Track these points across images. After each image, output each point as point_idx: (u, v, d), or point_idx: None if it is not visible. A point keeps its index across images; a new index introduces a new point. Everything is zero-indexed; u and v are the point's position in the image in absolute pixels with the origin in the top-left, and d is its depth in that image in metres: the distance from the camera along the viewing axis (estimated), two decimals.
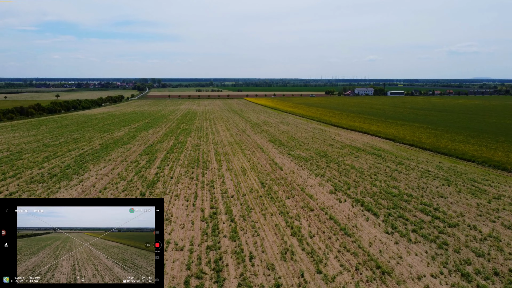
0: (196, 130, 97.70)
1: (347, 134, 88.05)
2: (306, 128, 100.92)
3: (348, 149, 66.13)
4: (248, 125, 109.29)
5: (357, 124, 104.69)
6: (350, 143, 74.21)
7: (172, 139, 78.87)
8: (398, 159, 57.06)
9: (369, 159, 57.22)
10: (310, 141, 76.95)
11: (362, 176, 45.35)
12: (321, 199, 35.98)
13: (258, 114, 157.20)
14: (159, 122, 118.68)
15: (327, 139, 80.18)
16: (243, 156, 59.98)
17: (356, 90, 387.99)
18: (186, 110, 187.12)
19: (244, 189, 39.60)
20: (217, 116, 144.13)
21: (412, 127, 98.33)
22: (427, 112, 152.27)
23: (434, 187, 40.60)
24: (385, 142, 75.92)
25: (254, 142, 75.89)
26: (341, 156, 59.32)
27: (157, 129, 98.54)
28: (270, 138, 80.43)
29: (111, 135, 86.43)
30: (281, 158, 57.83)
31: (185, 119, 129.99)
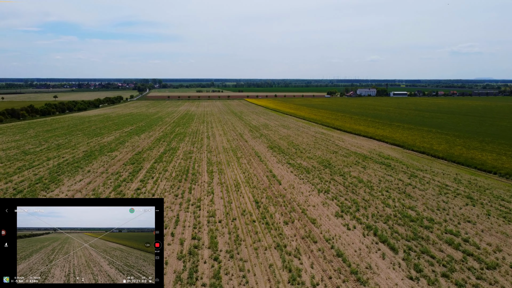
0: (191, 134, 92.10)
1: (351, 139, 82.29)
2: (307, 132, 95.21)
3: (353, 157, 60.39)
4: (247, 129, 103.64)
5: (362, 128, 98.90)
6: (356, 150, 68.45)
7: (163, 145, 73.26)
8: (410, 169, 51.28)
9: (378, 169, 51.47)
10: (312, 147, 71.22)
11: (372, 193, 39.61)
12: (326, 225, 30.24)
13: (258, 116, 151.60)
14: (154, 125, 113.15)
15: (330, 145, 74.45)
16: (238, 166, 54.30)
17: (358, 91, 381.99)
18: (184, 111, 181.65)
19: (235, 210, 33.88)
20: (216, 119, 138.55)
21: (420, 131, 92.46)
22: (433, 115, 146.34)
23: (457, 207, 34.83)
24: (393, 148, 70.12)
25: (252, 148, 70.20)
26: (347, 166, 53.58)
27: (150, 133, 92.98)
28: (269, 144, 74.73)
29: (99, 140, 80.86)
30: (280, 169, 52.13)
31: (181, 122, 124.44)
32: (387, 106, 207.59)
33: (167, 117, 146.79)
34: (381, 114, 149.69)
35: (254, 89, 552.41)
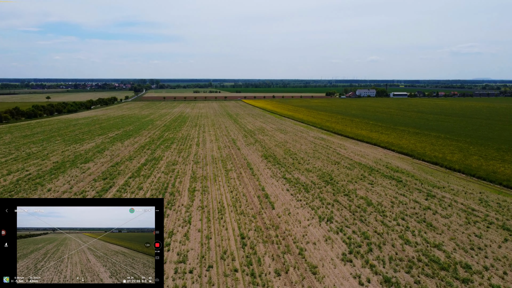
0: (180, 140, 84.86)
1: (354, 147, 75.15)
2: (306, 138, 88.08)
3: (358, 170, 53.26)
4: (241, 134, 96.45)
5: (364, 133, 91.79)
6: (360, 159, 61.33)
7: (146, 154, 66.02)
8: (425, 187, 44.15)
9: (388, 186, 44.33)
10: (311, 156, 64.08)
11: (385, 221, 32.45)
12: (331, 277, 23.00)
13: (254, 118, 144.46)
14: (142, 129, 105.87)
15: (331, 153, 67.31)
16: (226, 181, 47.07)
17: (357, 92, 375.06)
18: (178, 114, 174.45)
19: (214, 251, 26.59)
20: (209, 122, 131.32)
21: (427, 137, 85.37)
22: (437, 117, 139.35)
23: (495, 244, 27.72)
24: (401, 158, 62.99)
25: (244, 158, 63.02)
26: (351, 182, 46.42)
27: (135, 139, 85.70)
28: (264, 152, 67.55)
29: (78, 148, 73.53)
30: (274, 186, 44.94)
31: (172, 126, 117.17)
32: (388, 107, 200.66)
33: (158, 120, 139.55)
34: (383, 116, 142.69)
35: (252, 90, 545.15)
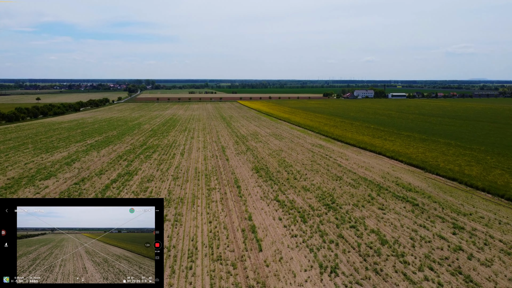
0: (165, 148, 76.82)
1: (356, 156, 67.35)
2: (303, 145, 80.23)
3: (364, 187, 45.44)
4: (233, 140, 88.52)
5: (367, 140, 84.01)
6: (365, 173, 53.52)
7: (121, 167, 57.97)
8: (448, 213, 36.36)
9: (402, 212, 36.51)
10: (309, 169, 56.23)
11: (408, 273, 24.55)
12: None
13: (249, 122, 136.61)
14: (126, 135, 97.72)
15: (332, 164, 59.48)
16: (206, 206, 39.08)
17: (355, 93, 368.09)
18: (169, 116, 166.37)
19: None
20: (200, 126, 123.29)
21: (436, 144, 77.68)
22: (441, 120, 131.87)
23: None
24: (412, 171, 55.22)
25: (232, 171, 55.09)
26: (357, 206, 38.57)
27: (115, 147, 77.59)
28: (255, 164, 59.64)
29: (46, 158, 65.33)
30: (264, 213, 37.02)
31: (160, 130, 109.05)
32: (388, 109, 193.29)
33: (147, 123, 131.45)
34: (384, 119, 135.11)
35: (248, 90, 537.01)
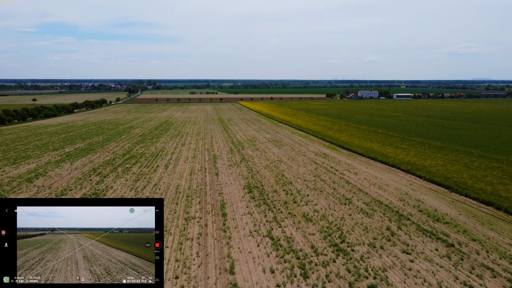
0: (149, 158, 68.26)
1: (366, 169, 58.53)
2: (305, 154, 71.48)
3: (380, 216, 36.68)
4: (227, 147, 79.86)
5: (376, 148, 75.06)
6: (378, 193, 44.71)
7: (90, 184, 49.40)
8: (497, 260, 27.54)
9: (435, 259, 27.70)
10: (311, 187, 47.47)
11: None
12: None
13: (247, 125, 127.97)
14: (112, 141, 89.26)
15: (338, 181, 50.72)
16: (177, 248, 30.33)
17: (359, 93, 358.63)
18: (165, 118, 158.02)
19: None
20: (195, 130, 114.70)
21: (456, 153, 68.64)
22: (454, 123, 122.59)
23: None
24: (435, 191, 46.29)
25: (220, 191, 46.42)
26: (374, 247, 29.78)
27: (94, 156, 69.12)
28: (249, 181, 50.95)
29: (8, 172, 56.91)
30: (252, 260, 28.30)
31: (151, 135, 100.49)
32: (395, 111, 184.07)
33: (139, 127, 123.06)
34: (392, 123, 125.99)
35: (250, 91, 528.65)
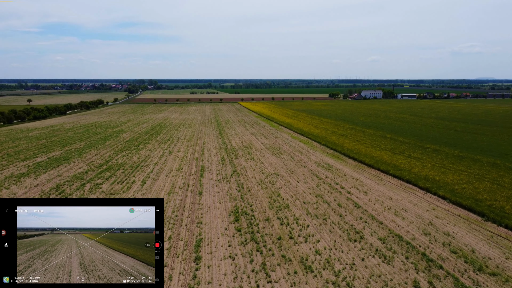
0: (128, 169, 59.87)
1: (377, 186, 49.85)
2: (306, 165, 62.91)
3: (401, 261, 28.01)
4: (219, 156, 71.36)
5: (386, 157, 66.24)
6: (395, 223, 36.05)
7: None
8: None
9: None
10: (313, 213, 38.87)
11: None
12: None
13: (245, 128, 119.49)
14: (93, 148, 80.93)
15: (345, 203, 42.10)
16: None
17: (363, 93, 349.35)
18: (159, 120, 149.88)
19: None
20: (189, 133, 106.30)
21: (480, 165, 59.75)
22: (466, 127, 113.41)
23: None
24: (466, 219, 37.54)
25: (199, 219, 37.88)
26: None
27: (66, 168, 60.86)
28: (237, 203, 42.38)
29: None
30: None
31: (138, 140, 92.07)
32: (401, 112, 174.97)
33: (129, 131, 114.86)
34: (400, 126, 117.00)
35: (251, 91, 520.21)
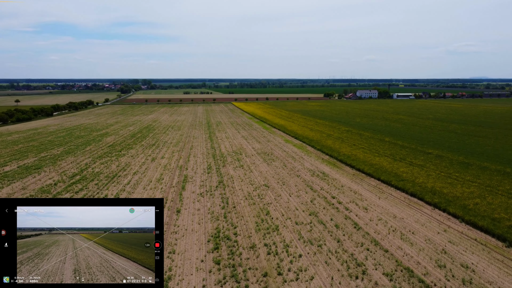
0: (103, 180, 54.07)
1: (379, 200, 44.41)
2: (299, 173, 57.41)
3: None
4: (205, 164, 65.67)
5: (386, 164, 60.84)
6: (402, 250, 30.61)
7: None
8: None
9: None
10: (306, 239, 33.35)
11: None
12: None
13: (237, 131, 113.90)
14: (71, 154, 74.93)
15: (343, 223, 36.60)
16: None
17: (358, 93, 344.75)
18: (148, 122, 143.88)
19: None
20: (177, 137, 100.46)
21: (489, 174, 54.47)
22: (467, 129, 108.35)
23: None
24: (485, 245, 32.06)
25: (173, 247, 32.14)
26: None
27: (34, 179, 55.00)
28: (219, 225, 36.74)
29: None
30: None
31: (122, 145, 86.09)
32: (397, 112, 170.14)
33: (114, 134, 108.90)
34: (398, 128, 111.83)
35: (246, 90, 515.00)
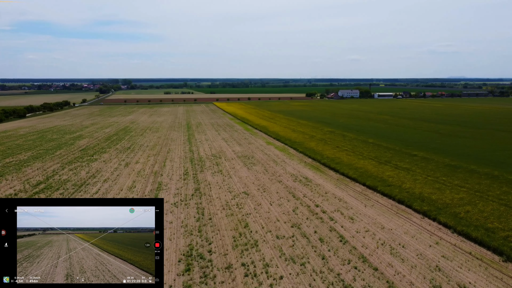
0: (70, 189, 49.43)
1: (365, 208, 41.46)
2: (281, 180, 54.10)
3: None
4: (182, 169, 61.68)
5: (371, 168, 58.22)
6: (393, 268, 27.61)
7: None
8: None
9: None
10: (287, 256, 29.99)
11: None
12: None
13: (217, 132, 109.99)
14: (39, 159, 69.67)
15: (328, 237, 33.43)
16: None
17: (340, 93, 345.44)
18: (125, 124, 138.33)
19: None
20: (154, 140, 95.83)
21: (479, 178, 52.42)
22: (450, 129, 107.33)
23: None
24: (481, 260, 29.35)
25: None
26: None
27: None
28: (192, 241, 32.98)
29: None
30: None
31: (95, 149, 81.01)
32: (380, 113, 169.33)
33: (89, 137, 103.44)
34: (382, 128, 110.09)
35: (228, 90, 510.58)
